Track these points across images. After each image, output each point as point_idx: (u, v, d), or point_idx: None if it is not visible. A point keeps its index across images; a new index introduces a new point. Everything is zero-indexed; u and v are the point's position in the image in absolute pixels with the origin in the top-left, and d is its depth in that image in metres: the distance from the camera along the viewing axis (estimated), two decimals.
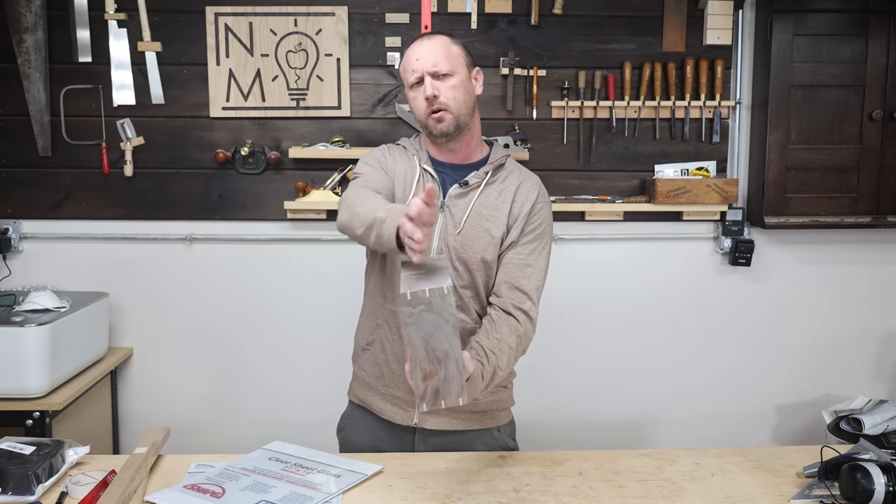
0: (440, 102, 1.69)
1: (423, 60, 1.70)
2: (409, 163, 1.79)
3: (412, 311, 1.32)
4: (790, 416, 3.04)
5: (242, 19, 2.78)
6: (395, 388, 1.78)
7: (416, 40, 1.76)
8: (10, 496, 1.46)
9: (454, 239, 1.72)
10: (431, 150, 1.81)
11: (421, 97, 1.71)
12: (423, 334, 1.33)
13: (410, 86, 1.74)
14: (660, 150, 2.88)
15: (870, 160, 2.81)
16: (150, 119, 2.82)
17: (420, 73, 1.70)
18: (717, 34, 2.82)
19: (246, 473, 1.57)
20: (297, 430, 2.42)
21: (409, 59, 1.73)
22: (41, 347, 2.32)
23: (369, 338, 1.83)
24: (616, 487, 1.55)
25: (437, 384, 1.35)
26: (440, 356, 1.34)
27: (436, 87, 1.69)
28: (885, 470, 1.41)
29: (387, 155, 1.82)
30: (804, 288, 2.98)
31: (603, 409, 2.99)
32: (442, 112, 1.70)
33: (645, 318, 2.96)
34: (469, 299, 1.75)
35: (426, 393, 1.36)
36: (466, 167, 1.79)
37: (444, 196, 1.75)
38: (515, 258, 1.74)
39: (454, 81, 1.70)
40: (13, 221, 2.84)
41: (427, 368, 1.34)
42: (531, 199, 1.77)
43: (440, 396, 1.36)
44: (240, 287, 2.90)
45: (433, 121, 1.71)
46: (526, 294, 1.71)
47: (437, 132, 1.72)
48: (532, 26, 2.82)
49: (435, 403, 1.36)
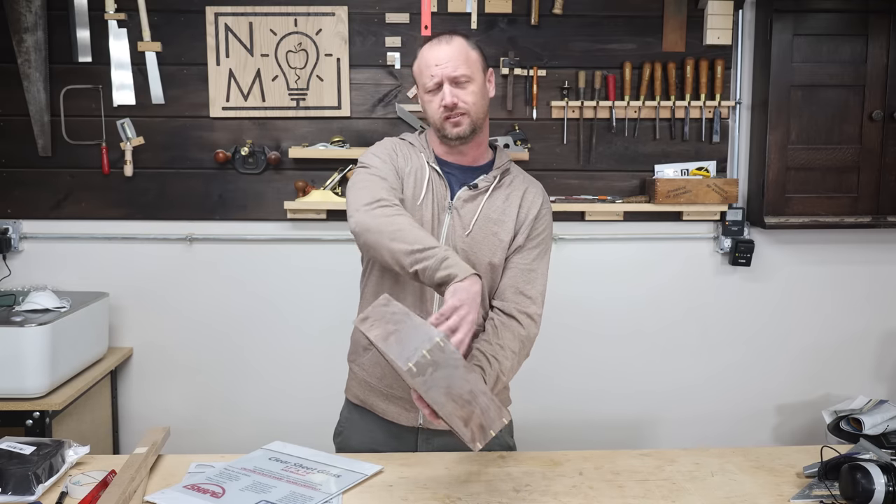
0: (459, 108, 1.68)
1: (442, 66, 1.68)
2: (417, 160, 1.77)
3: (424, 380, 1.31)
4: (790, 416, 3.04)
5: (242, 19, 2.78)
6: (398, 389, 1.77)
7: (435, 42, 1.73)
8: (10, 496, 1.46)
9: (463, 241, 1.72)
10: (438, 149, 1.80)
11: (438, 102, 1.69)
12: (444, 391, 1.32)
13: (427, 90, 1.71)
14: (660, 150, 2.88)
15: (870, 160, 2.81)
16: (150, 119, 2.82)
17: (439, 79, 1.68)
18: (717, 34, 2.82)
19: (246, 473, 1.57)
20: (297, 431, 2.42)
21: (426, 61, 1.70)
22: (41, 347, 2.32)
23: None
24: (616, 487, 1.54)
25: (479, 420, 1.35)
26: (468, 398, 1.33)
27: (455, 94, 1.68)
28: (885, 470, 1.41)
29: (397, 150, 1.79)
30: (804, 288, 2.98)
31: (603, 409, 2.99)
32: (460, 117, 1.69)
33: (645, 318, 2.96)
34: None
35: (474, 434, 1.35)
36: (473, 169, 1.79)
37: (451, 198, 1.75)
38: (521, 263, 1.74)
39: (473, 88, 1.70)
40: (13, 221, 2.84)
41: (462, 414, 1.34)
42: (537, 204, 1.78)
43: (486, 429, 1.36)
44: (240, 287, 2.90)
45: (450, 125, 1.70)
46: (531, 299, 1.72)
47: (452, 136, 1.71)
48: (532, 26, 2.82)
49: (486, 437, 1.36)
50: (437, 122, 1.72)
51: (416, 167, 1.76)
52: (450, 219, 1.73)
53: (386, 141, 1.83)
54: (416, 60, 1.75)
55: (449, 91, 1.67)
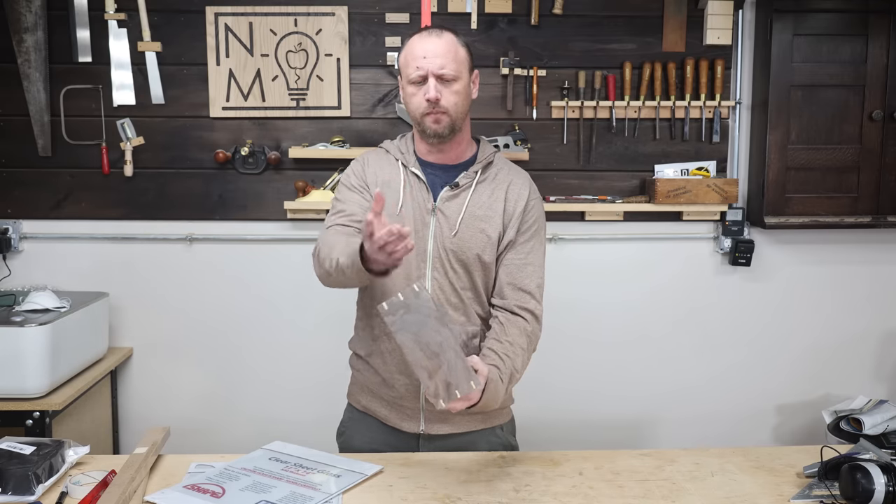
0: (441, 107, 1.67)
1: (430, 59, 1.65)
2: (391, 169, 1.77)
3: (394, 319, 1.35)
4: (790, 416, 3.04)
5: (242, 19, 2.78)
6: (400, 398, 1.77)
7: (424, 34, 1.70)
8: (10, 496, 1.46)
9: (451, 241, 1.71)
10: (421, 149, 1.78)
11: (421, 96, 1.68)
12: (412, 335, 1.35)
13: (411, 81, 1.69)
14: (660, 150, 2.88)
15: (870, 160, 2.81)
16: (150, 119, 2.82)
17: (425, 72, 1.66)
18: (717, 34, 2.82)
19: (246, 473, 1.57)
20: (297, 430, 2.42)
21: (413, 52, 1.68)
22: (41, 347, 2.32)
23: (369, 349, 1.81)
24: (616, 487, 1.55)
25: (445, 376, 1.35)
26: (435, 349, 1.35)
27: (439, 90, 1.66)
28: (885, 470, 1.41)
29: (366, 166, 1.79)
30: (804, 288, 2.98)
31: (603, 409, 2.99)
32: (440, 115, 1.67)
33: (644, 318, 2.96)
34: (470, 301, 1.74)
35: (438, 389, 1.36)
36: (456, 167, 1.77)
37: (434, 199, 1.73)
38: (515, 259, 1.74)
39: (457, 87, 1.68)
40: (13, 221, 2.84)
41: (428, 365, 1.35)
42: (524, 196, 1.76)
43: (452, 387, 1.36)
44: (240, 287, 2.90)
45: (429, 120, 1.68)
46: (529, 293, 1.72)
47: (430, 132, 1.70)
48: (532, 26, 2.82)
49: (450, 396, 1.36)
50: (418, 117, 1.70)
51: (391, 175, 1.76)
52: (435, 221, 1.72)
53: (354, 162, 1.83)
54: (403, 50, 1.72)
55: (434, 86, 1.65)
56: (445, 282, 1.72)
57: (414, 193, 1.74)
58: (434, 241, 1.72)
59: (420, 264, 1.73)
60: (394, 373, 1.76)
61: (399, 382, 1.76)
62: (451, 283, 1.72)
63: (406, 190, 1.73)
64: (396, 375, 1.76)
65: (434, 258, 1.72)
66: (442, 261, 1.72)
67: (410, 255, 1.58)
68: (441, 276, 1.72)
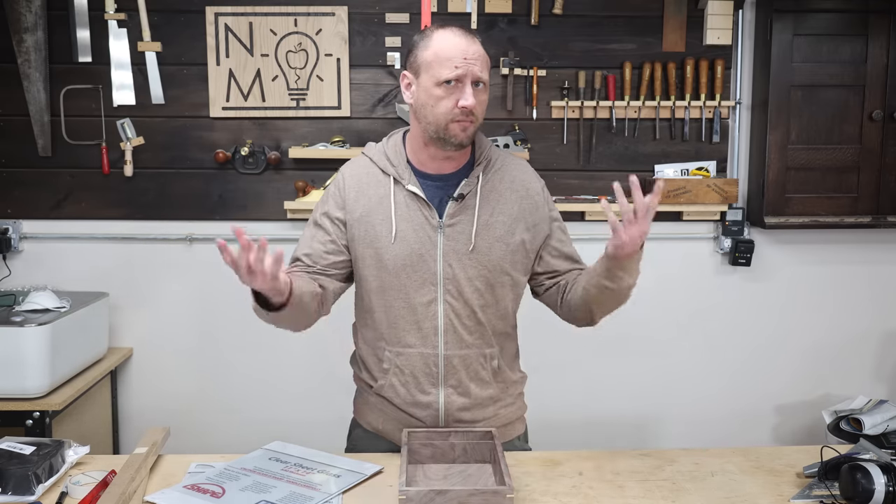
0: (472, 115, 1.52)
1: (470, 62, 1.50)
2: (379, 188, 1.61)
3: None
4: (790, 416, 3.04)
5: (242, 19, 2.78)
6: (420, 424, 1.66)
7: (459, 32, 1.55)
8: (10, 496, 1.46)
9: (468, 258, 1.58)
10: (420, 157, 1.62)
11: (452, 101, 1.51)
12: None
13: (442, 81, 1.50)
14: (660, 150, 2.88)
15: (870, 160, 2.81)
16: (150, 119, 2.82)
17: (465, 73, 1.50)
18: (717, 34, 2.82)
19: (246, 473, 1.57)
20: (297, 430, 2.42)
21: (448, 50, 1.51)
22: (41, 347, 2.32)
23: (379, 380, 1.67)
24: (616, 487, 1.54)
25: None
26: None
27: (475, 97, 1.52)
28: (885, 470, 1.41)
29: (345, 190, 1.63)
30: (804, 288, 2.98)
31: (603, 409, 2.99)
32: (469, 123, 1.53)
33: (644, 318, 2.95)
34: (490, 318, 1.63)
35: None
36: (457, 173, 1.62)
37: (440, 216, 1.59)
38: (559, 247, 1.70)
39: (484, 96, 1.56)
40: (13, 221, 2.84)
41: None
42: (535, 188, 1.67)
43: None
44: (240, 287, 2.88)
45: (458, 128, 1.52)
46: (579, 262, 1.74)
47: (455, 141, 1.53)
48: (532, 26, 2.82)
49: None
50: (443, 122, 1.52)
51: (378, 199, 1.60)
52: (443, 238, 1.58)
53: (331, 187, 1.67)
54: (430, 46, 1.53)
55: (471, 92, 1.50)
56: (461, 304, 1.60)
57: (411, 214, 1.59)
58: (444, 262, 1.59)
59: (429, 289, 1.59)
60: (410, 406, 1.65)
61: (419, 413, 1.65)
62: (468, 303, 1.60)
63: (399, 213, 1.58)
64: (413, 409, 1.65)
65: (445, 279, 1.59)
66: (456, 281, 1.59)
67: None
68: (455, 300, 1.60)
